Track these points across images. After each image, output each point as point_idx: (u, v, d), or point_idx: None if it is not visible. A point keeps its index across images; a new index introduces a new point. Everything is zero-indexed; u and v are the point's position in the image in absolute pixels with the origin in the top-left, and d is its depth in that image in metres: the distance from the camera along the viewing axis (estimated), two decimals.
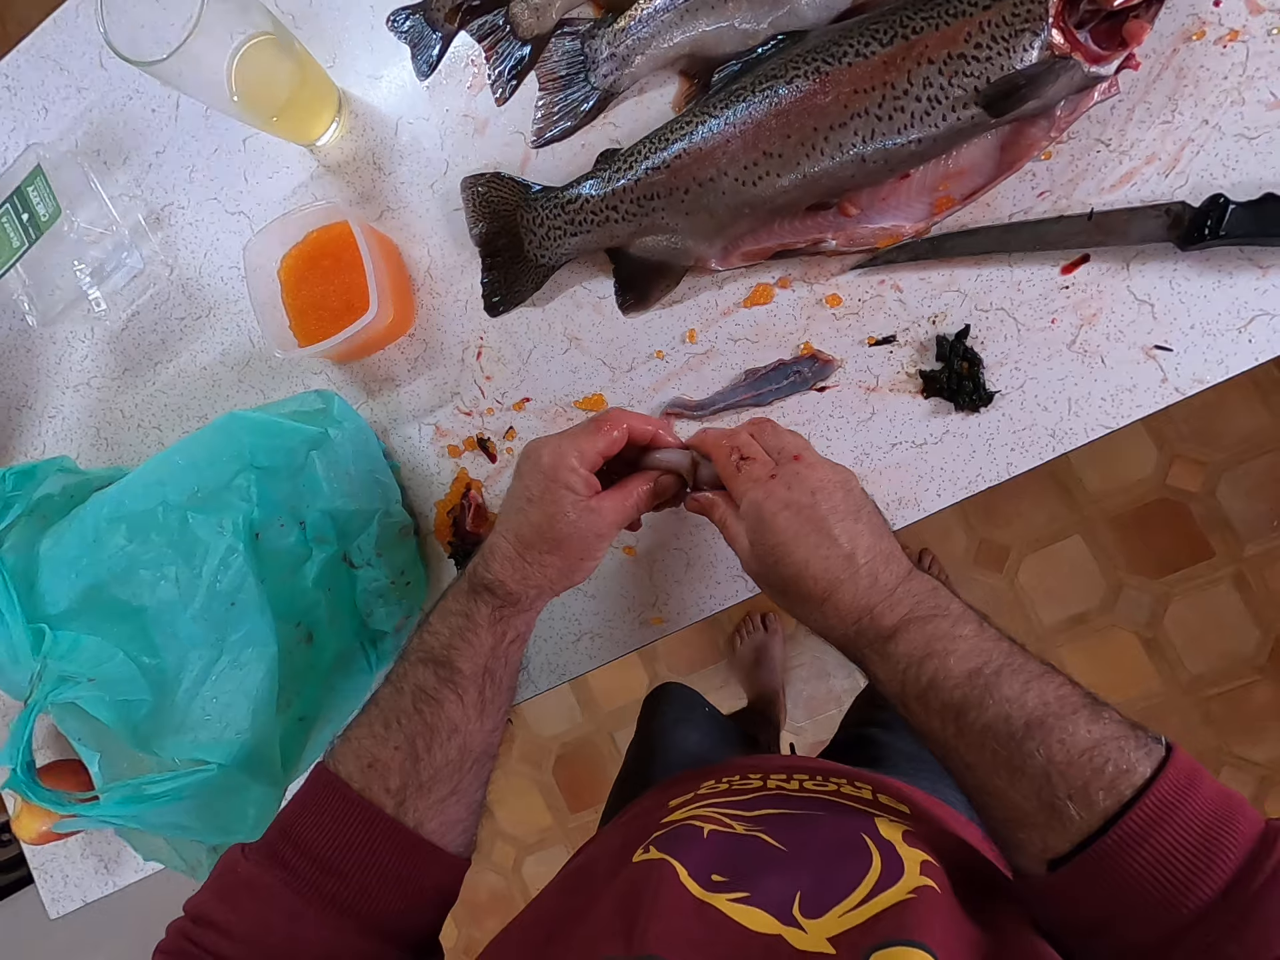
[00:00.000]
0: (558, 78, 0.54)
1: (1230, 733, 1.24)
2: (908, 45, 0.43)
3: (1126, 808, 0.29)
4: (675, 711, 0.78)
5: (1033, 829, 0.31)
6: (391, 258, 0.58)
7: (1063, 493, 1.28)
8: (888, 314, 0.49)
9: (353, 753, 0.38)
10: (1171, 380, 0.45)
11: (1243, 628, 1.23)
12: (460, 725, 0.38)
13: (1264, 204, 0.42)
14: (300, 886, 0.35)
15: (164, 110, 0.64)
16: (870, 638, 0.35)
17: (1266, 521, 1.21)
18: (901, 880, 0.31)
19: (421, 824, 0.37)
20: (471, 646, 0.39)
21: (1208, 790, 0.29)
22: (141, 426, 0.66)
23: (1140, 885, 0.28)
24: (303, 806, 0.37)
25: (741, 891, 0.31)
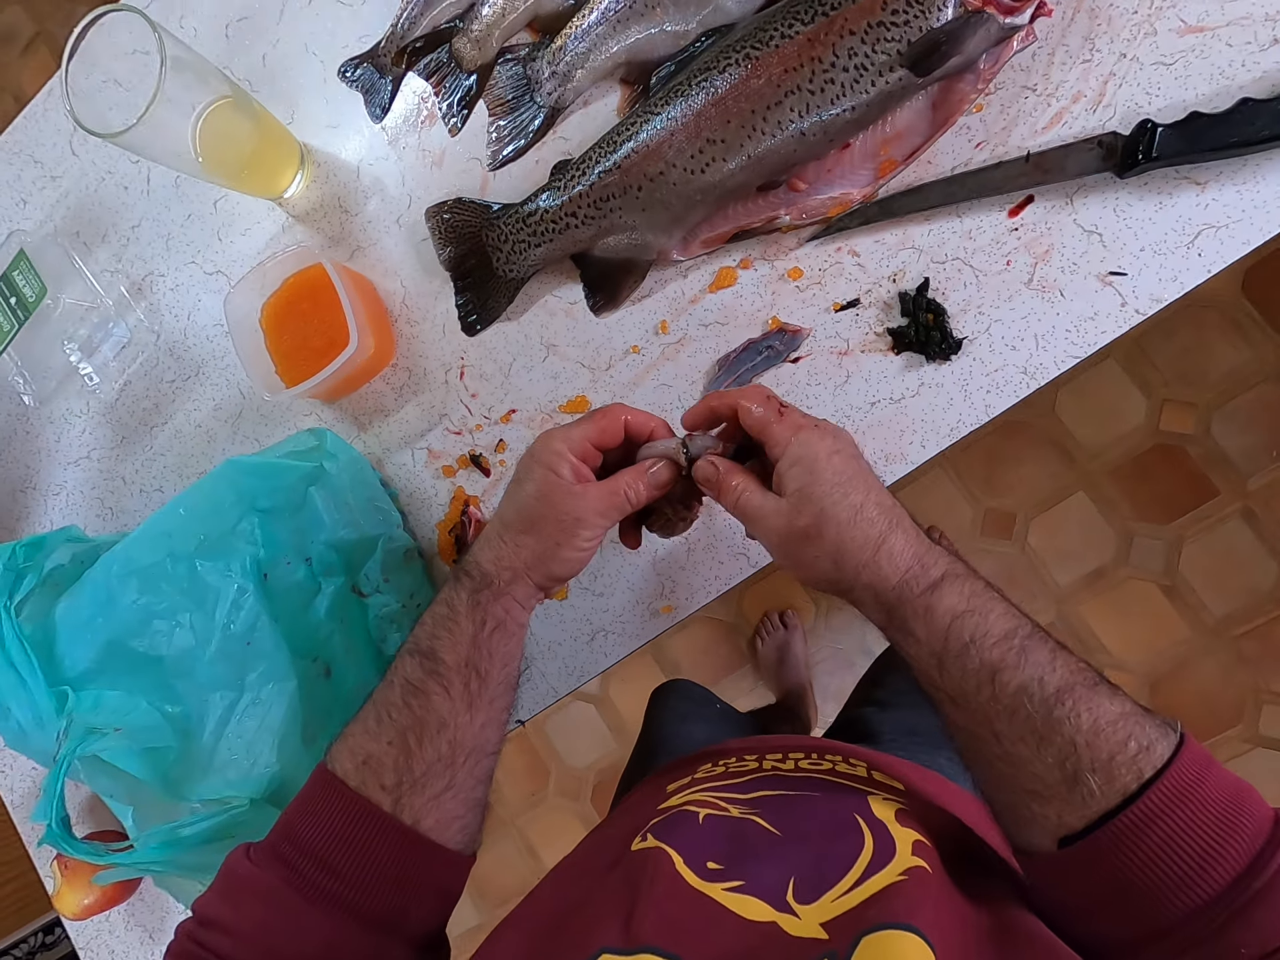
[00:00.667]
0: (505, 102, 0.57)
1: (1267, 669, 1.22)
2: (829, 21, 0.45)
3: (1144, 787, 0.29)
4: (684, 707, 0.77)
5: (1050, 802, 0.31)
6: (367, 293, 0.59)
7: (1059, 452, 1.29)
8: (849, 279, 0.51)
9: (348, 750, 0.38)
10: (1130, 303, 0.46)
11: (1260, 561, 1.22)
12: (448, 719, 0.38)
13: (1190, 123, 0.44)
14: (301, 885, 0.34)
15: (136, 186, 0.67)
16: (917, 589, 0.34)
17: (1265, 453, 1.21)
18: (893, 861, 0.31)
19: (419, 821, 0.36)
20: (452, 635, 0.39)
21: (1221, 775, 0.30)
22: (144, 491, 0.67)
23: (1154, 866, 0.28)
24: (303, 805, 0.37)
25: (736, 880, 0.31)
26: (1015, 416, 1.32)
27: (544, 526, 0.39)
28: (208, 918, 0.34)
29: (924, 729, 0.60)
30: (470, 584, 0.40)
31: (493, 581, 0.40)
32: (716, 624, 1.47)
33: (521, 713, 0.58)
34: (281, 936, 0.34)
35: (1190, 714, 1.25)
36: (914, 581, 0.34)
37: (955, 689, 0.33)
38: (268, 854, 0.36)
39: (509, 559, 0.40)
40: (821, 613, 1.42)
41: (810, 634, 1.42)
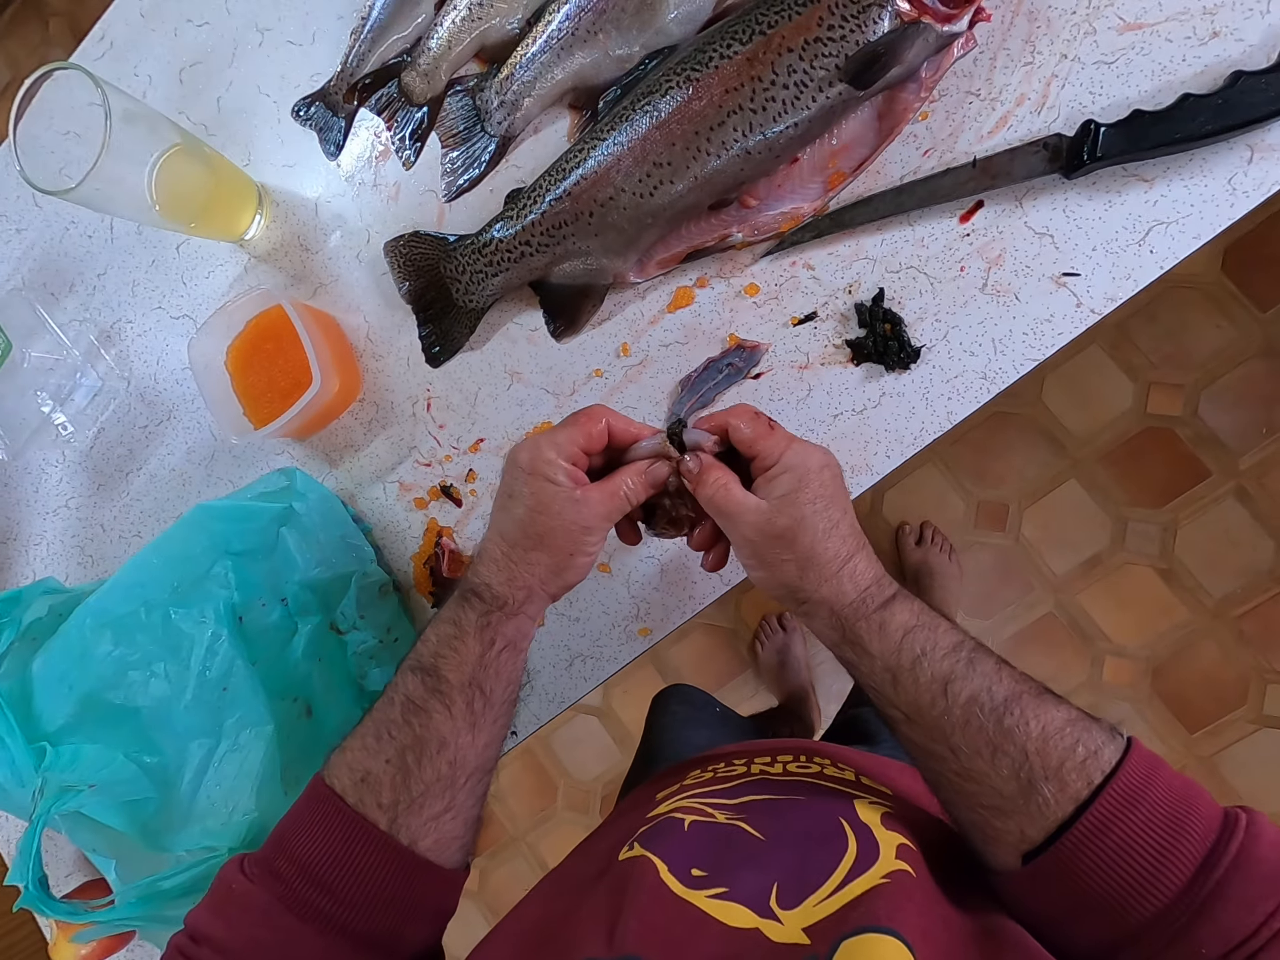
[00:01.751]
0: (457, 133, 0.57)
1: (1268, 648, 1.21)
2: (766, 40, 0.45)
3: (1096, 793, 0.30)
4: (683, 711, 0.77)
5: (1011, 816, 0.31)
6: (330, 330, 0.60)
7: (1049, 441, 1.28)
8: (805, 293, 0.51)
9: (346, 765, 0.37)
10: (1085, 303, 0.46)
11: (1256, 540, 1.21)
12: (449, 739, 0.37)
13: (1132, 121, 0.43)
14: (294, 903, 0.34)
15: (99, 235, 0.67)
16: (871, 606, 0.35)
17: (1255, 431, 1.20)
18: (876, 865, 0.31)
19: (416, 842, 0.36)
20: (458, 654, 0.38)
21: (1169, 777, 0.30)
22: (123, 537, 0.67)
23: (1114, 871, 0.29)
24: (298, 820, 0.37)
25: (720, 887, 0.31)
26: (1003, 407, 1.32)
27: (553, 539, 0.39)
28: (200, 933, 0.34)
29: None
30: (481, 605, 0.39)
31: (506, 603, 0.39)
32: (716, 630, 1.46)
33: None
34: (275, 955, 0.33)
35: (1194, 697, 1.24)
36: (869, 599, 0.36)
37: (910, 704, 0.34)
38: (262, 868, 0.35)
39: (523, 578, 0.39)
40: None
41: (809, 636, 1.42)
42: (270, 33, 0.62)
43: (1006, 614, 1.31)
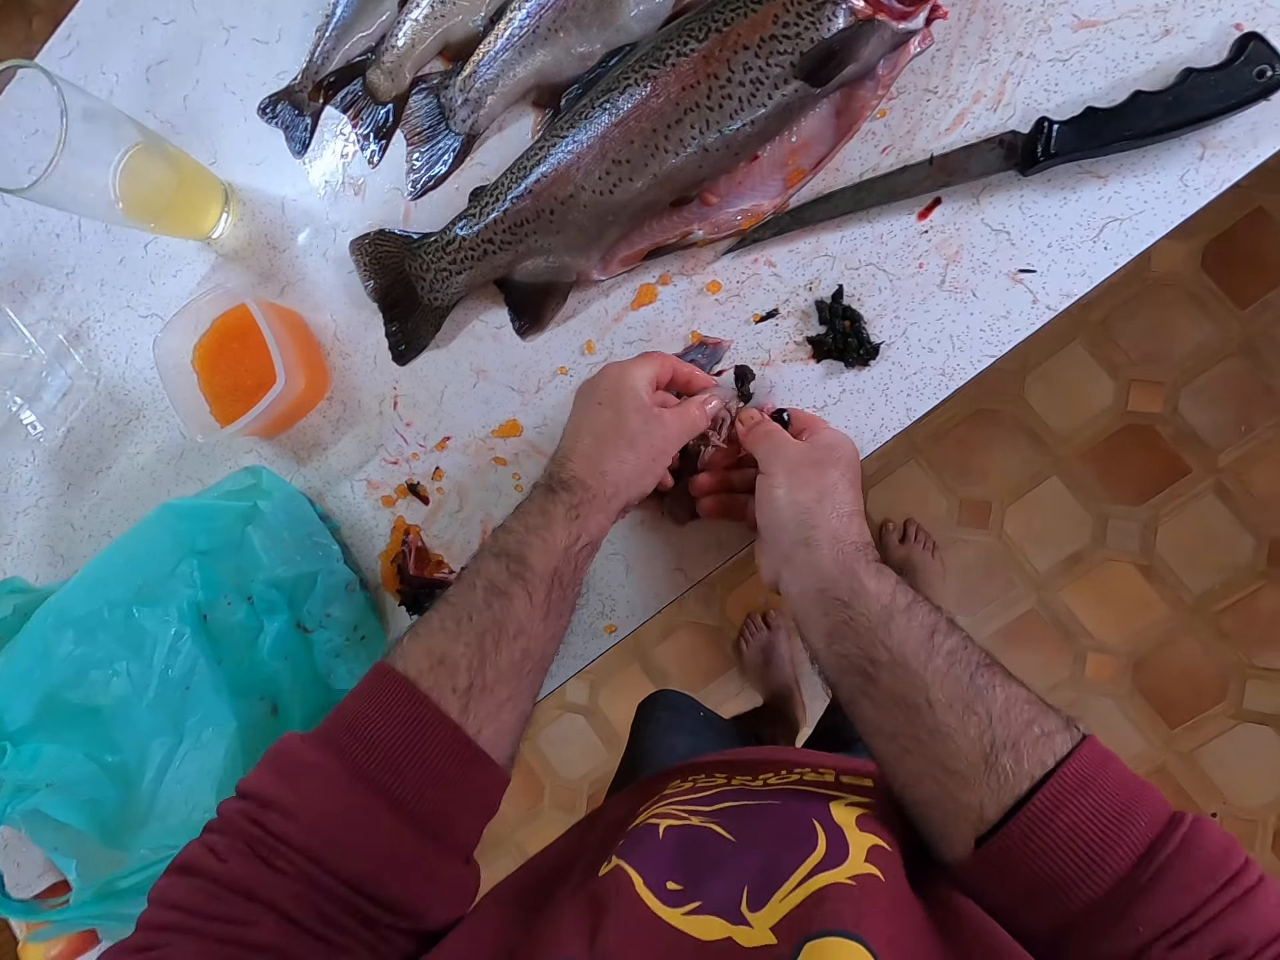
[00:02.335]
0: (421, 131, 0.57)
1: (1248, 644, 1.22)
2: (722, 37, 0.45)
3: (1049, 775, 0.31)
4: (667, 717, 0.77)
5: (972, 787, 0.32)
6: (297, 329, 0.59)
7: (1031, 438, 1.29)
8: (766, 290, 0.51)
9: (423, 649, 0.36)
10: (1041, 300, 0.46)
11: (1235, 537, 1.22)
12: (526, 626, 0.38)
13: (1086, 118, 0.44)
14: (365, 776, 0.33)
15: (68, 234, 0.67)
16: (872, 556, 0.39)
17: (1234, 428, 1.21)
18: (843, 865, 0.31)
19: (480, 730, 0.36)
20: (545, 543, 0.39)
21: (1121, 770, 0.31)
22: (93, 536, 0.67)
23: (1060, 854, 0.29)
24: (367, 702, 0.35)
25: (694, 901, 0.31)
26: (986, 405, 1.32)
27: (642, 443, 0.43)
28: (266, 798, 0.32)
29: None
30: (569, 497, 0.41)
31: (596, 495, 0.42)
32: (701, 629, 1.46)
33: None
34: (344, 826, 0.32)
35: (1175, 692, 1.25)
36: (869, 550, 0.40)
37: (899, 645, 0.35)
38: (325, 740, 0.34)
39: (613, 473, 0.42)
40: None
41: (794, 633, 1.42)
42: (236, 30, 0.61)
43: (989, 610, 1.31)
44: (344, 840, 0.31)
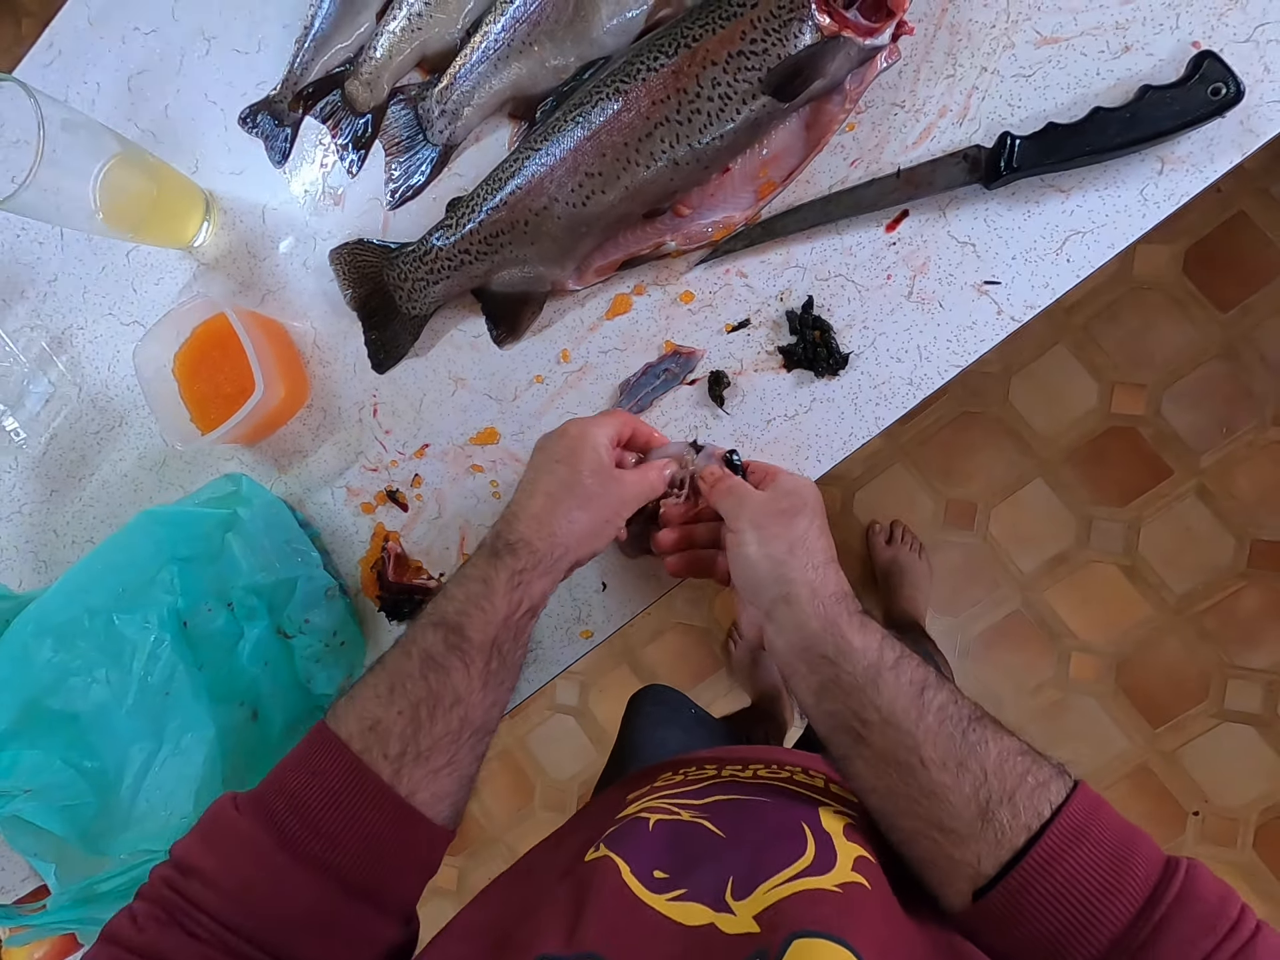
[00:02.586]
0: (399, 142, 0.57)
1: (1228, 644, 1.23)
2: (691, 53, 0.46)
3: (1045, 826, 0.30)
4: (659, 713, 0.77)
5: (969, 844, 0.32)
6: (277, 337, 0.60)
7: (1015, 440, 1.30)
8: (738, 300, 0.52)
9: (356, 714, 0.37)
10: (1006, 311, 0.47)
11: (1217, 538, 1.23)
12: (464, 696, 0.37)
13: (1047, 133, 0.44)
14: (289, 844, 0.33)
15: (50, 242, 0.67)
16: (854, 608, 0.38)
17: (1215, 430, 1.22)
18: (831, 872, 0.32)
19: (414, 793, 0.36)
20: (485, 613, 0.39)
21: (1112, 817, 0.31)
22: (76, 543, 0.68)
23: (1058, 909, 0.29)
24: (299, 763, 0.36)
25: (680, 889, 0.32)
26: (971, 407, 1.33)
27: (596, 504, 0.42)
28: (189, 865, 0.32)
29: None
30: (514, 562, 0.40)
31: (543, 558, 0.41)
32: (690, 630, 1.47)
33: None
34: (265, 894, 0.32)
35: (1157, 693, 1.26)
36: (850, 602, 0.38)
37: (889, 705, 0.35)
38: (257, 806, 0.34)
39: (563, 534, 0.41)
40: None
41: None
42: (217, 40, 0.62)
43: (975, 611, 1.32)
44: (264, 907, 0.32)
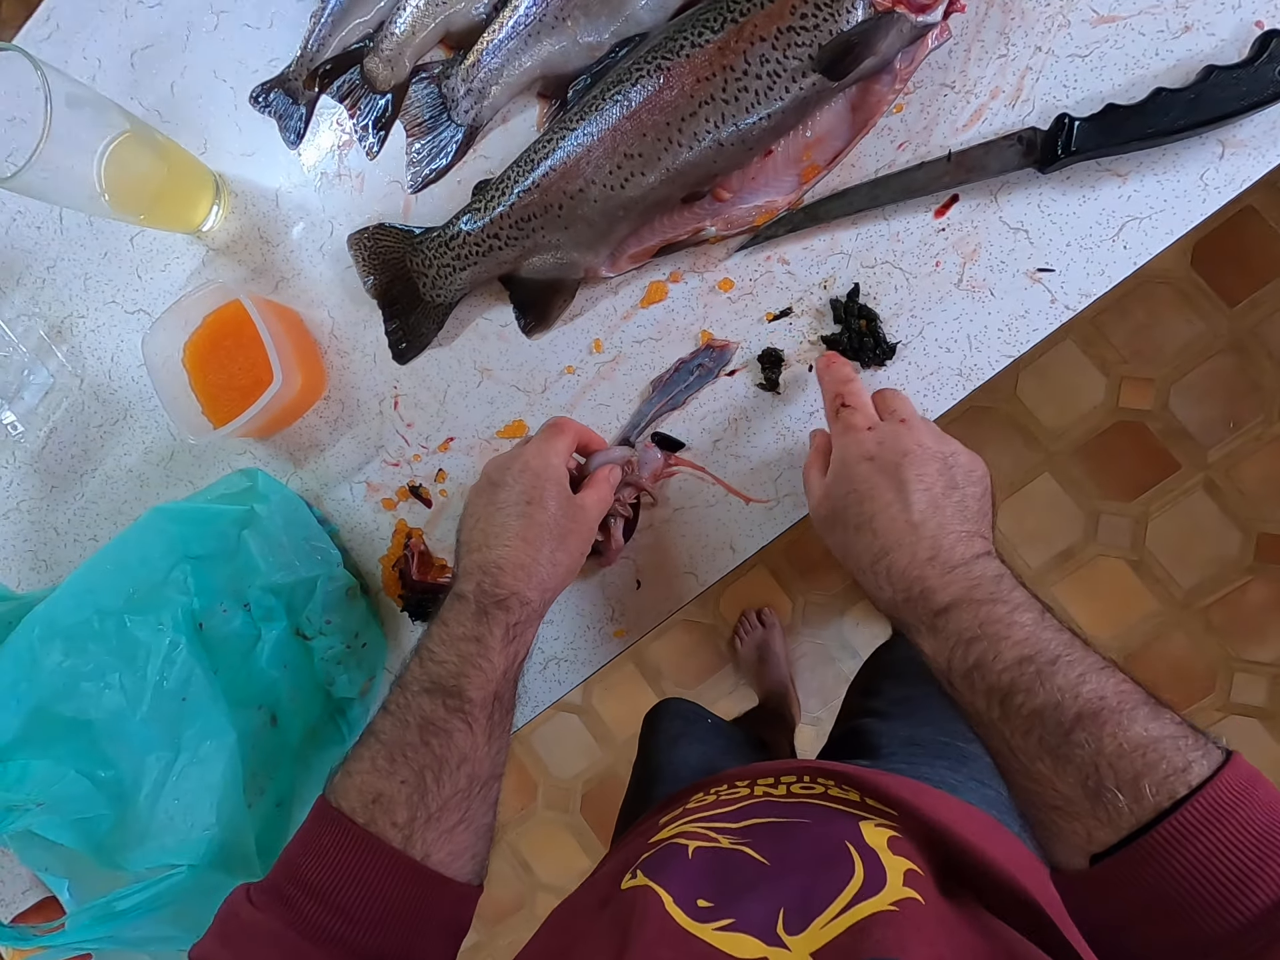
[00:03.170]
0: (422, 122, 0.55)
1: (1235, 638, 1.24)
2: (738, 28, 0.44)
3: (1178, 805, 0.28)
4: (675, 728, 0.76)
5: (1078, 819, 0.30)
6: (293, 326, 0.58)
7: (1023, 435, 1.30)
8: (780, 288, 0.50)
9: (355, 788, 0.36)
10: (1060, 299, 0.46)
11: (1223, 532, 1.23)
12: (469, 754, 0.37)
13: (1106, 115, 0.43)
14: (307, 929, 0.33)
15: (49, 226, 0.64)
16: (920, 612, 0.34)
17: (1222, 425, 1.22)
18: (884, 891, 0.30)
19: (429, 855, 0.35)
20: (483, 673, 0.38)
21: (1267, 796, 0.28)
22: (78, 540, 0.65)
23: (1190, 883, 0.27)
24: (306, 843, 0.36)
25: (727, 918, 0.31)
26: (979, 402, 1.32)
27: (573, 540, 0.42)
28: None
29: (924, 738, 0.59)
30: (507, 617, 0.39)
31: (537, 609, 0.40)
32: (695, 626, 1.46)
33: None
34: None
35: (1164, 686, 1.26)
36: (915, 603, 0.34)
37: (967, 705, 0.33)
38: (270, 895, 0.34)
39: (549, 580, 0.41)
40: (799, 609, 1.42)
41: (789, 630, 1.42)
42: (226, 15, 0.59)
43: None
44: None
